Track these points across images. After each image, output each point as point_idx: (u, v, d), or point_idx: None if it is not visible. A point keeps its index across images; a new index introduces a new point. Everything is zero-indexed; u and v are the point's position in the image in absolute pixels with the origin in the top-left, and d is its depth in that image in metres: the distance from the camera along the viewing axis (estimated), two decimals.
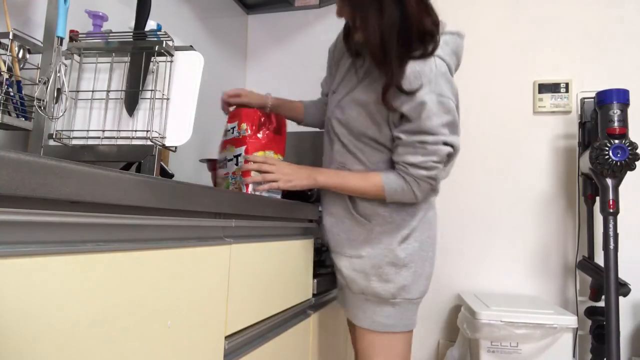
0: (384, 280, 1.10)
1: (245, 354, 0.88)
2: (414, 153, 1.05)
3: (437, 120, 1.02)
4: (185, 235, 0.73)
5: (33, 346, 0.45)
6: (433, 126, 1.02)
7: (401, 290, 1.10)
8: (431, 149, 1.04)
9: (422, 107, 1.02)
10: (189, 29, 1.87)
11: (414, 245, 1.12)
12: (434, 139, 1.03)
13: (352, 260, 1.15)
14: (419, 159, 1.05)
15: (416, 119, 1.03)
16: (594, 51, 2.04)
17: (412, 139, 1.05)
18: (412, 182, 1.07)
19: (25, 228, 0.46)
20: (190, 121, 1.00)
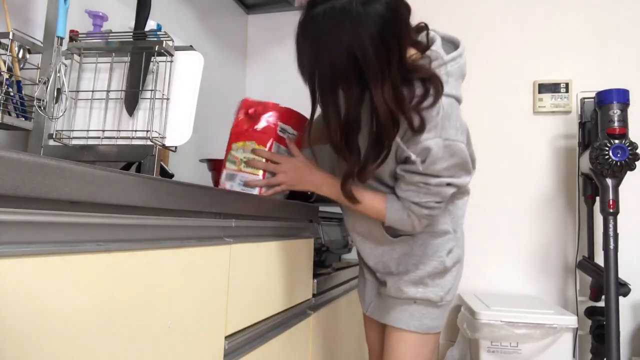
0: (434, 285, 1.12)
1: (245, 354, 0.88)
2: (417, 193, 1.03)
3: (442, 164, 1.00)
4: (185, 235, 0.73)
5: (33, 346, 0.45)
6: (437, 170, 1.00)
7: (447, 294, 1.13)
8: (434, 190, 1.02)
9: (427, 152, 0.99)
10: (189, 29, 1.87)
11: (457, 253, 1.15)
12: (437, 181, 1.01)
13: (401, 276, 1.14)
14: (421, 198, 1.03)
15: (420, 163, 1.00)
16: (594, 51, 2.04)
17: (416, 179, 1.02)
18: (414, 217, 1.06)
19: (25, 228, 0.46)
20: (190, 121, 1.00)
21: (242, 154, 1.07)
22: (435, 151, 0.98)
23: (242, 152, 1.07)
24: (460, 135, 1.02)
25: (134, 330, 0.59)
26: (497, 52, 2.14)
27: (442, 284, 1.12)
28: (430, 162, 0.99)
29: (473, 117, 2.12)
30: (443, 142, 0.99)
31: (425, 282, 1.12)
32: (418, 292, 1.12)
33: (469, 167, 1.06)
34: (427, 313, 1.13)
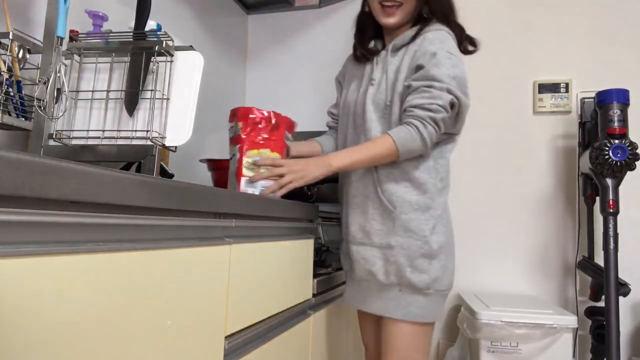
0: (419, 271, 1.13)
1: (245, 354, 0.88)
2: (420, 97, 1.11)
3: (444, 70, 1.11)
4: (185, 235, 0.73)
5: (33, 346, 0.45)
6: (440, 74, 1.10)
7: (434, 282, 1.13)
8: (436, 93, 1.09)
9: (433, 56, 1.12)
10: (189, 29, 1.87)
11: (442, 238, 1.16)
12: (439, 85, 1.10)
13: (384, 251, 1.16)
14: (424, 100, 1.10)
15: (426, 67, 1.12)
16: (594, 51, 2.04)
17: (420, 84, 1.11)
18: (419, 124, 1.10)
19: (25, 228, 0.46)
20: (190, 121, 1.00)
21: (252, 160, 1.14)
22: (439, 56, 1.12)
23: (254, 159, 1.13)
24: (461, 59, 1.17)
25: (134, 330, 0.59)
26: (497, 52, 2.14)
27: (428, 270, 1.13)
28: (434, 64, 1.11)
29: (473, 117, 2.12)
30: (447, 53, 1.13)
31: (409, 265, 1.13)
32: (403, 276, 1.13)
33: (467, 91, 1.17)
34: (413, 301, 1.13)
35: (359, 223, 1.20)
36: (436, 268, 1.14)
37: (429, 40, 1.15)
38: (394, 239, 1.15)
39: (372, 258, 1.17)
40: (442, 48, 1.13)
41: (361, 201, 1.20)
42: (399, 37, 1.21)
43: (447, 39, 1.16)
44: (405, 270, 1.13)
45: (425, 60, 1.13)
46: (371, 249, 1.18)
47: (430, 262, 1.13)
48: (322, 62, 2.25)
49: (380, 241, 1.16)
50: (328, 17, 2.27)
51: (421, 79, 1.12)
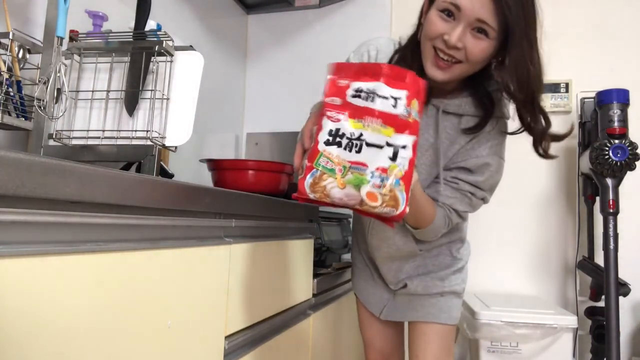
0: (457, 278, 1.18)
1: (245, 354, 0.88)
2: (461, 202, 1.05)
3: (491, 181, 1.05)
4: (185, 235, 0.73)
5: (33, 345, 0.45)
6: (486, 185, 1.05)
7: (463, 283, 1.19)
8: (475, 202, 1.07)
9: (486, 167, 1.02)
10: (189, 29, 1.87)
11: (465, 246, 1.24)
12: (481, 194, 1.05)
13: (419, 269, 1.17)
14: (464, 207, 1.06)
15: (476, 174, 1.03)
16: (594, 51, 2.04)
17: (466, 188, 1.03)
18: (449, 225, 1.09)
19: (25, 228, 0.46)
20: (190, 121, 1.00)
21: None
22: (493, 168, 1.02)
23: None
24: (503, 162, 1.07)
25: (134, 330, 0.59)
26: None
27: (462, 277, 1.19)
28: (487, 176, 1.02)
29: None
30: (498, 160, 1.03)
31: (449, 278, 1.17)
32: (445, 286, 1.16)
33: None
34: (453, 305, 1.17)
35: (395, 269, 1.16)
36: (464, 271, 1.21)
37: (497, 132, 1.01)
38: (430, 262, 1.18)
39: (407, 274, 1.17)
40: (498, 154, 1.02)
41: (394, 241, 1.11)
42: (452, 103, 1.00)
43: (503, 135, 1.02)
44: (444, 281, 1.17)
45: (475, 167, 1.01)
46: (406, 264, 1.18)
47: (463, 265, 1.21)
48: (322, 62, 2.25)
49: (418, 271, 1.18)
50: (328, 17, 2.27)
51: (468, 183, 1.04)
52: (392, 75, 0.73)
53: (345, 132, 0.71)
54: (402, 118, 0.72)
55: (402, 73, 0.74)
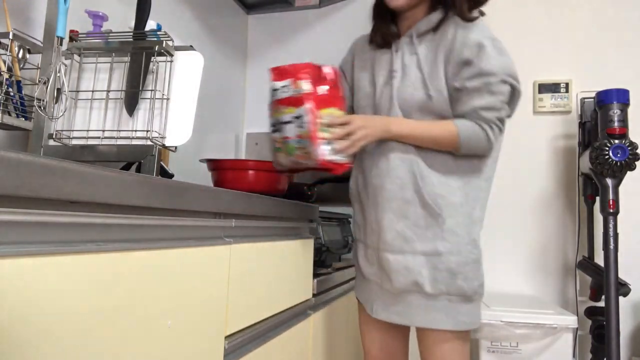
0: (470, 277, 1.06)
1: (245, 354, 0.88)
2: (480, 96, 1.05)
3: (495, 61, 1.05)
4: (185, 235, 0.73)
5: (33, 345, 0.45)
6: (493, 67, 1.04)
7: (480, 287, 1.09)
8: (496, 89, 1.04)
9: (480, 49, 1.05)
10: (189, 29, 1.87)
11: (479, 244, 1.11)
12: (496, 79, 1.04)
13: (431, 259, 1.06)
14: (487, 100, 1.04)
15: (476, 62, 1.05)
16: (594, 51, 2.04)
17: (476, 83, 1.05)
18: (488, 127, 1.06)
19: (25, 228, 0.46)
20: (190, 121, 1.00)
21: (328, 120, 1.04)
22: (488, 48, 1.05)
23: (329, 118, 1.04)
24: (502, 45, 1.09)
25: (134, 330, 0.59)
26: None
27: (477, 277, 1.07)
28: (486, 58, 1.04)
29: None
30: (492, 41, 1.06)
31: (462, 271, 1.05)
32: (453, 284, 1.05)
33: (517, 74, 1.09)
34: (461, 309, 1.06)
35: (396, 229, 1.07)
36: (482, 272, 1.09)
37: (465, 28, 1.07)
38: (441, 244, 1.06)
39: (416, 267, 1.06)
40: (484, 37, 1.06)
41: (399, 205, 1.07)
42: (422, 22, 1.11)
43: (485, 26, 1.10)
44: (456, 277, 1.05)
45: (471, 54, 1.05)
46: (414, 257, 1.07)
47: (478, 267, 1.08)
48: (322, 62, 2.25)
49: (425, 248, 1.07)
50: (328, 17, 2.27)
51: (475, 77, 1.04)
52: (278, 72, 1.07)
53: (273, 122, 1.08)
54: (294, 97, 1.02)
55: (287, 68, 1.05)
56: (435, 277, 1.06)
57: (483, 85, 1.04)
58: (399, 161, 1.08)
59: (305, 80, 1.02)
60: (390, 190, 1.08)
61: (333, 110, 1.05)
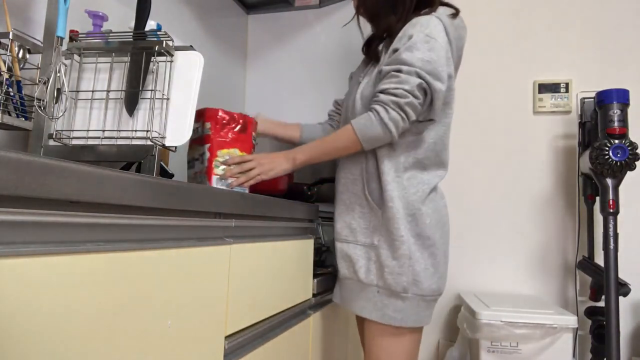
0: (397, 272, 1.10)
1: (245, 354, 0.88)
2: (387, 82, 1.08)
3: (417, 54, 1.06)
4: (185, 235, 0.73)
5: (33, 346, 0.45)
6: (410, 58, 1.06)
7: (412, 285, 1.09)
8: (404, 77, 1.06)
9: (408, 39, 1.08)
10: (189, 29, 1.87)
11: (424, 240, 1.11)
12: (407, 69, 1.06)
13: (367, 250, 1.15)
14: (390, 85, 1.07)
15: (399, 51, 1.08)
16: (594, 51, 2.04)
17: (389, 68, 1.09)
18: (380, 109, 1.06)
19: (25, 228, 0.46)
20: (191, 121, 1.00)
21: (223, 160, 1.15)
22: (414, 39, 1.08)
23: (225, 157, 1.15)
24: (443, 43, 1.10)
25: (134, 330, 0.59)
26: (497, 52, 2.14)
27: (407, 273, 1.09)
28: (407, 48, 1.07)
29: (473, 117, 2.13)
30: (424, 36, 1.08)
31: (389, 265, 1.10)
32: (381, 277, 1.10)
33: (443, 75, 1.09)
34: (390, 304, 1.10)
35: (345, 220, 1.19)
36: (416, 271, 1.09)
37: (410, 25, 1.12)
38: (377, 237, 1.13)
39: (355, 256, 1.16)
40: (421, 31, 1.08)
41: (348, 198, 1.19)
42: None
43: (430, 22, 1.11)
44: (384, 270, 1.11)
45: (400, 44, 1.10)
46: (355, 247, 1.17)
47: (410, 263, 1.09)
48: (322, 62, 2.25)
49: (364, 239, 1.15)
50: (328, 17, 2.27)
51: (392, 63, 1.09)
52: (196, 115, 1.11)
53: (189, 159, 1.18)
54: (200, 137, 1.14)
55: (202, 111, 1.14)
56: (369, 267, 1.14)
57: (394, 72, 1.07)
58: (354, 157, 1.18)
59: (209, 123, 1.13)
60: (344, 184, 1.21)
61: (233, 150, 1.16)
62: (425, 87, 1.07)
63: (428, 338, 2.09)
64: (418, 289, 1.10)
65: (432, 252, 1.12)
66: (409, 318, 1.11)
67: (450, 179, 2.12)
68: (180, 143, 1.00)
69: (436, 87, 1.07)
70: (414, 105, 1.07)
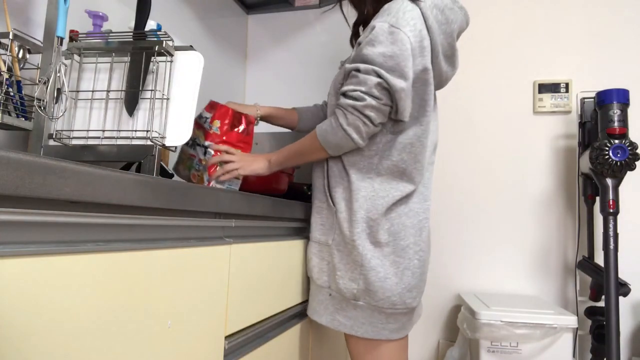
0: (349, 278, 1.04)
1: (245, 354, 0.88)
2: (348, 83, 1.02)
3: (378, 48, 0.98)
4: (185, 235, 0.73)
5: (33, 346, 0.45)
6: (370, 54, 0.98)
7: (365, 294, 1.02)
8: (362, 77, 0.99)
9: (370, 32, 1.00)
10: (189, 29, 1.87)
11: (384, 249, 1.04)
12: (365, 67, 0.98)
13: (321, 248, 1.11)
14: (349, 87, 1.00)
15: (361, 46, 1.01)
16: (594, 51, 2.04)
17: (350, 67, 1.02)
18: (340, 114, 1.01)
19: (25, 228, 0.46)
20: (190, 121, 1.00)
21: None
22: (377, 31, 0.99)
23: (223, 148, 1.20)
24: (410, 33, 1.00)
25: (134, 330, 0.59)
26: (497, 52, 2.14)
27: (359, 281, 1.02)
28: (367, 42, 1.00)
29: (473, 117, 2.13)
30: (389, 27, 0.99)
31: (342, 269, 1.05)
32: (333, 280, 1.06)
33: (406, 71, 0.99)
34: (341, 309, 1.05)
35: (313, 218, 1.17)
36: (370, 280, 1.01)
37: (381, 12, 1.04)
38: (331, 237, 1.09)
39: (309, 254, 1.15)
40: (385, 21, 0.99)
41: (314, 194, 1.18)
42: None
43: (401, 8, 1.00)
44: (336, 273, 1.06)
45: (363, 37, 1.02)
46: (310, 244, 1.15)
47: (363, 271, 1.02)
48: (322, 62, 2.25)
49: (319, 237, 1.12)
50: (328, 17, 2.27)
51: (355, 59, 1.02)
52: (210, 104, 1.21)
53: (192, 137, 1.18)
54: (207, 130, 1.17)
55: (215, 105, 1.19)
56: (321, 267, 1.11)
57: (354, 70, 1.01)
58: (317, 167, 1.18)
59: (218, 121, 1.18)
60: (316, 186, 1.18)
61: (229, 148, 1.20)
62: (384, 85, 0.98)
63: (428, 338, 2.10)
64: (371, 299, 1.02)
65: (393, 261, 1.04)
66: (360, 327, 1.03)
67: (450, 179, 2.11)
68: (180, 143, 1.00)
69: (396, 85, 0.97)
70: (375, 107, 0.99)
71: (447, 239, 2.09)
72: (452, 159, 2.13)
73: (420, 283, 1.08)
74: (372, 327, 1.04)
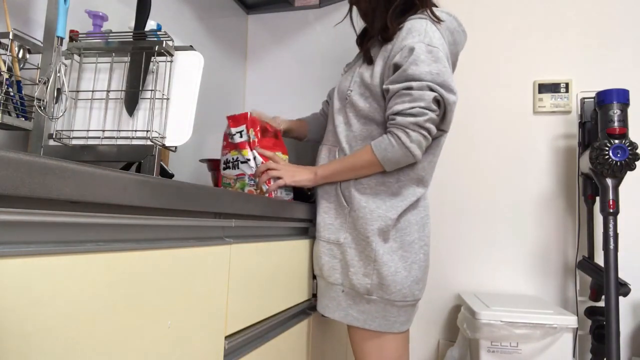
0: (362, 273, 1.08)
1: (245, 354, 0.88)
2: (401, 102, 1.05)
3: (424, 67, 1.03)
4: (185, 235, 0.73)
5: (33, 346, 0.45)
6: (419, 72, 1.02)
7: (378, 288, 1.07)
8: (417, 94, 1.02)
9: (410, 53, 1.04)
10: (189, 29, 1.87)
11: (393, 244, 1.09)
12: (418, 84, 1.02)
13: (331, 247, 1.14)
14: (405, 106, 1.03)
15: (404, 67, 1.05)
16: (594, 51, 2.04)
17: (398, 87, 1.05)
18: (401, 133, 1.04)
19: (25, 228, 0.46)
20: (190, 121, 1.00)
21: None
22: (417, 52, 1.04)
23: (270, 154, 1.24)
24: (442, 51, 1.06)
25: (134, 330, 0.59)
26: (497, 52, 2.14)
27: (372, 275, 1.07)
28: (411, 62, 1.03)
29: (473, 117, 2.13)
30: (426, 46, 1.04)
31: (354, 265, 1.09)
32: (346, 276, 1.10)
33: (453, 86, 1.06)
34: (354, 304, 1.09)
35: (319, 217, 1.19)
36: (383, 274, 1.07)
37: (405, 31, 1.08)
38: (343, 235, 1.12)
39: (318, 252, 1.17)
40: (420, 41, 1.04)
41: (321, 195, 1.20)
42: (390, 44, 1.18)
43: (428, 29, 1.07)
44: (349, 269, 1.10)
45: (402, 58, 1.06)
46: (318, 243, 1.18)
47: (376, 266, 1.07)
48: (322, 62, 2.25)
49: (329, 236, 1.15)
50: (328, 17, 2.27)
51: (399, 80, 1.05)
52: (234, 119, 1.22)
53: (227, 159, 1.23)
54: (246, 142, 1.19)
55: (241, 117, 1.21)
56: (332, 265, 1.13)
57: (405, 89, 1.04)
58: None
59: (252, 130, 1.20)
60: (323, 186, 1.20)
61: (278, 154, 1.24)
62: (439, 99, 1.04)
63: (428, 338, 2.10)
64: (384, 293, 1.07)
65: (402, 256, 1.09)
66: (373, 321, 1.08)
67: (450, 179, 2.11)
68: (180, 143, 1.00)
69: (449, 99, 1.05)
70: (433, 120, 1.06)
71: (447, 238, 2.09)
72: (452, 159, 2.13)
73: (424, 276, 1.15)
74: (385, 320, 1.10)
